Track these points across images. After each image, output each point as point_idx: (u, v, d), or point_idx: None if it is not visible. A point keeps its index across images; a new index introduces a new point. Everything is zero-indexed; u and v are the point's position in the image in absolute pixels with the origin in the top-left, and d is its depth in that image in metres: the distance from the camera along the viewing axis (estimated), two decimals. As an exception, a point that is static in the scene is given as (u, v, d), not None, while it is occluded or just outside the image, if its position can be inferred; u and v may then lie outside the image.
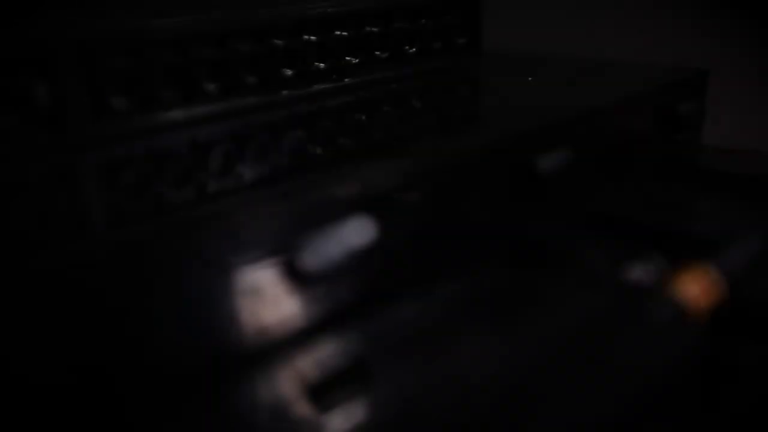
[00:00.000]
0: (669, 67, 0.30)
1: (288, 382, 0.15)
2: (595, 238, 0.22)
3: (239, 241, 0.15)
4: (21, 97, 0.19)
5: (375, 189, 0.18)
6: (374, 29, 0.29)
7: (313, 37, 0.27)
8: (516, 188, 0.21)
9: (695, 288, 0.19)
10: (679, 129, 0.28)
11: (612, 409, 0.15)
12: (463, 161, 0.20)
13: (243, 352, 0.15)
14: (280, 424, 0.14)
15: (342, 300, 0.17)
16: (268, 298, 0.16)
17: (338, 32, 0.27)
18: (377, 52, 0.29)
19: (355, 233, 0.17)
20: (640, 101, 0.27)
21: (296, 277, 0.16)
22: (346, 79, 0.28)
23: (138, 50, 0.22)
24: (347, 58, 0.28)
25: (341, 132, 0.23)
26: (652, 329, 0.17)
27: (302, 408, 0.14)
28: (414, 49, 0.30)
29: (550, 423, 0.14)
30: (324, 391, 0.15)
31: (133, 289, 0.14)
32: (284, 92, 0.26)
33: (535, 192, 0.22)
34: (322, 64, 0.27)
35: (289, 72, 0.26)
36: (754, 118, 0.43)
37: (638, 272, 0.20)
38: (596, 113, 0.25)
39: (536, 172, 0.21)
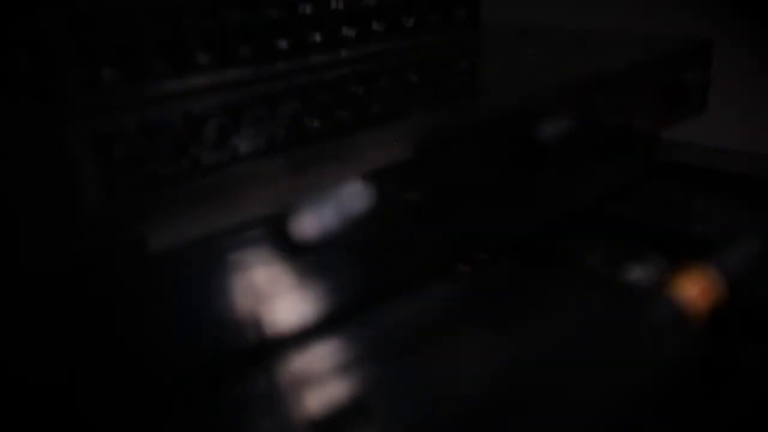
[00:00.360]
0: (672, 36, 0.29)
1: (283, 380, 0.15)
2: (595, 238, 0.22)
3: (233, 214, 0.15)
4: (12, 68, 0.19)
5: (372, 162, 0.17)
6: (371, 1, 0.28)
7: (308, 9, 0.26)
8: (514, 162, 0.21)
9: (695, 288, 0.19)
10: (684, 99, 0.27)
11: (612, 409, 0.15)
12: (461, 132, 0.20)
13: (238, 346, 0.15)
14: (272, 421, 0.14)
15: (338, 281, 0.16)
16: (261, 277, 0.15)
17: (334, 4, 0.27)
18: (374, 25, 0.28)
19: (351, 207, 0.16)
20: (646, 69, 0.26)
21: (291, 250, 0.15)
22: (343, 52, 0.27)
23: (131, 21, 0.21)
24: (344, 30, 0.27)
25: (338, 105, 0.23)
26: (652, 329, 0.17)
27: (297, 407, 0.14)
28: (412, 22, 0.30)
29: (550, 423, 0.14)
30: (319, 392, 0.15)
31: (122, 271, 0.14)
32: (279, 64, 0.25)
33: (534, 165, 0.21)
34: (318, 36, 0.26)
35: (284, 44, 0.25)
36: (754, 118, 0.43)
37: (638, 272, 0.20)
38: (601, 83, 0.24)
39: (536, 144, 0.21)
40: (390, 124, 0.21)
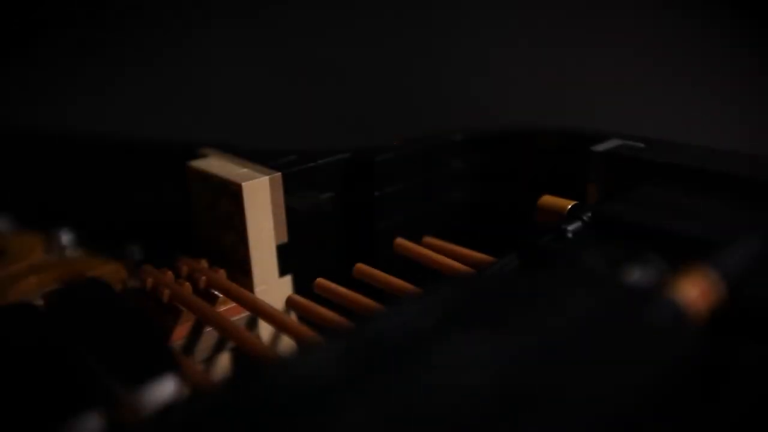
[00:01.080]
0: None
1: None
2: (594, 238, 0.22)
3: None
4: None
5: None
6: None
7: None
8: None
9: (695, 288, 0.19)
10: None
11: (612, 410, 0.15)
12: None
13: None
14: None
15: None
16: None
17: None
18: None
19: None
20: None
21: None
22: None
23: None
24: None
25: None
26: (652, 329, 0.17)
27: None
28: None
29: (549, 423, 0.14)
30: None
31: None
32: None
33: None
34: None
35: None
36: (754, 118, 0.43)
37: (638, 273, 0.20)
38: None
39: None
40: None
